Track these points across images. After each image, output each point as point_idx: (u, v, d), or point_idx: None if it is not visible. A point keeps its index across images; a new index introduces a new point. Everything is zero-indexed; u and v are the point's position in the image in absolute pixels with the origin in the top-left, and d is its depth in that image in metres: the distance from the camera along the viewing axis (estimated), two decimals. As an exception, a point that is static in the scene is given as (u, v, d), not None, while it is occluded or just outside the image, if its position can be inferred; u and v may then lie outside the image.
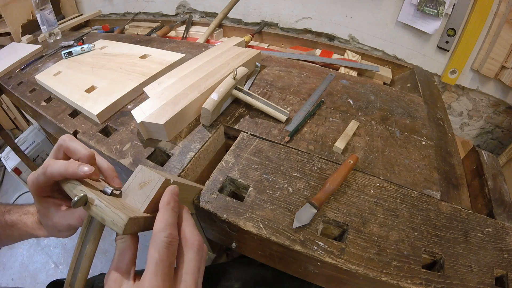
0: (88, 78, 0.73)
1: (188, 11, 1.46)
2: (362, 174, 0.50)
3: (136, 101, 0.67)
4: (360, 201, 0.46)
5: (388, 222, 0.43)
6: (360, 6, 1.10)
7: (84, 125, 0.62)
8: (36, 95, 0.74)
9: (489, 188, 0.50)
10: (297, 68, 0.79)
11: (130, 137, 0.57)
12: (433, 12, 0.97)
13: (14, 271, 1.26)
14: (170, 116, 0.53)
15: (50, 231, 0.38)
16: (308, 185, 0.47)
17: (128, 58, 0.81)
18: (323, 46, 1.07)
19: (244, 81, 0.38)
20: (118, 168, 0.55)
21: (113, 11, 1.59)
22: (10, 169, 1.41)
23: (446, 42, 1.03)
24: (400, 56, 1.15)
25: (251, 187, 0.46)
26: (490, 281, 0.39)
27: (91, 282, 0.60)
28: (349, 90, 0.71)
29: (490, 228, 0.45)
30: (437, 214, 0.45)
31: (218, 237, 0.49)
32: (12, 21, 1.18)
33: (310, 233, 0.41)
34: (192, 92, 0.58)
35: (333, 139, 0.56)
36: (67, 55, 0.86)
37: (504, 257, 0.41)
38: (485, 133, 1.24)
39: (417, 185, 0.50)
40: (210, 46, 0.89)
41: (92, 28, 1.30)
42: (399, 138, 0.59)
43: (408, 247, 0.40)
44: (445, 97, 1.19)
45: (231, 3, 1.13)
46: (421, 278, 0.37)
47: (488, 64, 1.00)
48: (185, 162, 0.50)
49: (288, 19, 1.26)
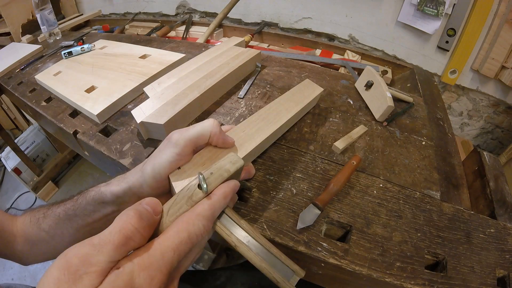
0: (88, 78, 0.73)
1: (188, 11, 1.46)
2: (365, 175, 0.50)
3: (136, 101, 0.67)
4: (363, 202, 0.45)
5: (391, 223, 0.43)
6: (360, 6, 1.10)
7: (84, 125, 0.61)
8: (36, 95, 0.74)
9: (491, 189, 0.50)
10: (297, 68, 0.79)
11: (130, 137, 0.56)
12: (433, 12, 0.97)
13: (14, 271, 1.26)
14: (170, 116, 0.52)
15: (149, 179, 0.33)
16: (311, 186, 0.47)
17: (128, 58, 0.81)
18: (323, 46, 1.07)
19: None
20: (118, 168, 0.55)
21: (113, 11, 1.58)
22: (10, 169, 1.41)
23: (446, 42, 1.03)
24: (400, 56, 1.15)
25: (254, 188, 0.46)
26: (492, 282, 0.39)
27: None
28: (349, 90, 0.71)
29: (492, 229, 0.44)
30: (439, 215, 0.45)
31: (220, 237, 0.49)
32: (12, 21, 1.17)
33: (314, 234, 0.41)
34: (192, 92, 0.58)
35: (333, 139, 0.56)
36: (67, 55, 0.85)
37: (506, 257, 0.41)
38: (485, 133, 1.24)
39: (417, 185, 0.49)
40: (210, 46, 0.88)
41: (92, 28, 1.30)
42: (399, 138, 0.59)
43: (411, 248, 0.40)
44: (445, 97, 1.19)
45: (231, 3, 1.13)
46: (424, 279, 0.37)
47: (488, 64, 1.00)
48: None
49: (288, 19, 1.26)
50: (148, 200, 0.26)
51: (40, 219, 0.39)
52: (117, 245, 0.21)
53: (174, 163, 0.32)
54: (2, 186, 1.70)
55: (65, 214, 0.37)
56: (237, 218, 0.31)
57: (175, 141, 0.32)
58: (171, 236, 0.24)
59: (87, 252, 0.20)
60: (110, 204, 0.35)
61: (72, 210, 0.36)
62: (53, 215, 0.38)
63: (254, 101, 0.65)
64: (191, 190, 0.28)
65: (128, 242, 0.22)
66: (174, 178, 0.32)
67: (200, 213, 0.26)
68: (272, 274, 0.28)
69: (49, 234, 0.38)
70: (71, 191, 1.60)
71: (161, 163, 0.32)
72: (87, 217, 0.36)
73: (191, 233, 0.24)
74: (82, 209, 0.36)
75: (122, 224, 0.22)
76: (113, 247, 0.21)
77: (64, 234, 0.38)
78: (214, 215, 0.28)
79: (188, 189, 0.28)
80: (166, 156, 0.32)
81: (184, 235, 0.24)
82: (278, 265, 0.29)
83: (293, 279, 0.29)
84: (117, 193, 0.33)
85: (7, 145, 1.37)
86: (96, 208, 0.35)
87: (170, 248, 0.23)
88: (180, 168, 0.33)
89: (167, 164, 0.32)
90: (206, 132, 0.33)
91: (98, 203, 0.35)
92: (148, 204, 0.25)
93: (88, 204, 0.35)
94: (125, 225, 0.22)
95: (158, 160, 0.32)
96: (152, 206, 0.25)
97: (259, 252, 0.29)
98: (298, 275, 0.29)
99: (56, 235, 0.38)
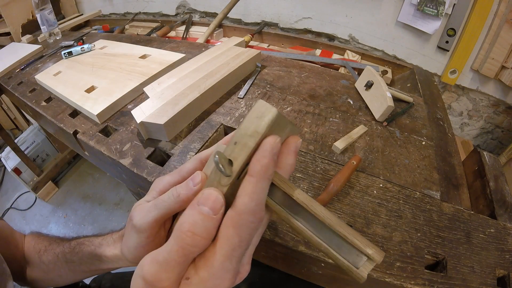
0: (88, 78, 0.73)
1: (188, 11, 1.46)
2: (365, 175, 0.50)
3: (136, 101, 0.67)
4: (363, 202, 0.45)
5: (391, 223, 0.43)
6: (360, 6, 1.10)
7: (84, 125, 0.61)
8: (36, 95, 0.74)
9: (491, 189, 0.50)
10: (297, 68, 0.79)
11: (130, 137, 0.56)
12: (433, 12, 0.97)
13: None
14: (170, 116, 0.52)
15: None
16: (311, 186, 0.47)
17: (128, 58, 0.81)
18: (323, 46, 1.07)
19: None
20: (118, 168, 0.55)
21: (113, 11, 1.58)
22: (10, 169, 1.41)
23: (446, 42, 1.03)
24: (400, 56, 1.15)
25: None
26: (492, 282, 0.39)
27: (98, 281, 0.60)
28: (349, 90, 0.71)
29: (492, 229, 0.44)
30: (439, 215, 0.45)
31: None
32: (12, 21, 1.17)
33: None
34: (192, 92, 0.58)
35: (333, 139, 0.56)
36: (67, 55, 0.85)
37: (506, 257, 0.41)
38: (485, 133, 1.24)
39: (417, 185, 0.49)
40: (210, 46, 0.88)
41: (92, 28, 1.30)
42: (399, 138, 0.59)
43: (411, 248, 0.40)
44: (445, 97, 1.19)
45: (231, 3, 1.13)
46: (424, 279, 0.37)
47: (488, 64, 1.00)
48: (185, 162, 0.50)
49: (288, 19, 1.26)
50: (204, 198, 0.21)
51: (41, 251, 0.40)
52: (180, 262, 0.21)
53: (147, 247, 0.27)
54: (2, 186, 1.70)
55: (63, 257, 0.38)
56: (288, 188, 0.23)
57: (138, 226, 0.26)
58: (223, 244, 0.21)
59: (157, 271, 0.21)
60: (107, 264, 0.35)
61: (70, 255, 0.37)
62: (52, 253, 0.39)
63: (254, 101, 0.65)
64: (218, 173, 0.21)
65: (190, 256, 0.21)
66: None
67: (242, 211, 0.21)
68: (337, 261, 0.22)
69: (48, 267, 0.40)
70: (71, 191, 1.60)
71: (130, 249, 0.28)
72: (85, 267, 0.37)
73: (242, 236, 0.21)
74: (79, 259, 0.36)
75: (180, 243, 0.21)
76: (177, 264, 0.21)
77: (62, 273, 0.39)
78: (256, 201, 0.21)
79: (215, 171, 0.22)
80: (133, 243, 0.27)
81: (235, 241, 0.21)
82: (344, 248, 0.22)
83: (364, 266, 0.21)
84: (112, 258, 0.33)
85: (7, 145, 1.37)
86: (94, 263, 0.36)
87: (225, 257, 0.21)
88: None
89: (138, 249, 0.27)
90: (173, 205, 0.25)
91: (95, 260, 0.35)
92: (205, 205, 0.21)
93: (85, 257, 0.36)
94: (184, 245, 0.21)
95: (128, 245, 0.28)
96: (211, 207, 0.21)
97: (318, 230, 0.22)
98: (374, 261, 0.21)
99: (54, 270, 0.39)
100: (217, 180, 0.21)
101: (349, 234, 0.21)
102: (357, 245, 0.21)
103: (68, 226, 1.44)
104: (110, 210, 1.50)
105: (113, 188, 1.61)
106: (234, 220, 0.21)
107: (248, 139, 0.20)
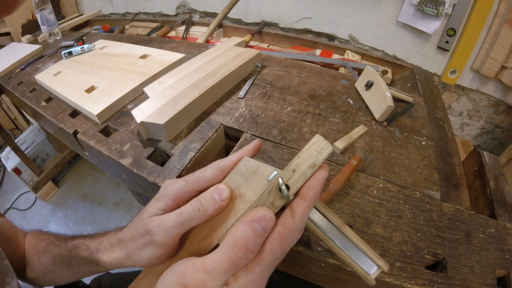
0: (88, 78, 0.73)
1: (188, 11, 1.46)
2: (365, 175, 0.50)
3: (136, 101, 0.67)
4: (363, 202, 0.45)
5: (391, 223, 0.43)
6: (360, 6, 1.10)
7: (84, 125, 0.61)
8: (36, 95, 0.74)
9: (491, 189, 0.50)
10: (297, 68, 0.79)
11: (130, 137, 0.56)
12: (433, 12, 0.97)
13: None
14: (170, 116, 0.52)
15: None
16: (309, 185, 0.47)
17: (128, 58, 0.81)
18: (323, 46, 1.07)
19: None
20: (118, 168, 0.55)
21: (113, 11, 1.59)
22: (10, 169, 1.41)
23: (446, 42, 1.03)
24: (400, 56, 1.15)
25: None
26: (492, 282, 0.39)
27: (98, 281, 0.60)
28: (349, 90, 0.71)
29: (492, 229, 0.44)
30: (439, 215, 0.45)
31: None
32: (12, 21, 1.17)
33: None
34: (192, 92, 0.58)
35: (333, 139, 0.56)
36: (67, 55, 0.85)
37: (506, 257, 0.41)
38: (485, 133, 1.24)
39: (417, 185, 0.49)
40: (210, 46, 0.88)
41: (92, 28, 1.30)
42: (399, 138, 0.58)
43: (411, 248, 0.40)
44: (445, 97, 1.19)
45: (231, 3, 1.13)
46: (424, 279, 0.37)
47: (488, 64, 1.00)
48: (185, 162, 0.50)
49: (288, 19, 1.26)
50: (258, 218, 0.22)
51: (40, 252, 0.40)
52: (228, 271, 0.22)
53: (162, 258, 0.28)
54: (2, 186, 1.70)
55: (61, 259, 0.38)
56: (325, 211, 0.28)
57: (161, 242, 0.26)
58: (267, 256, 0.23)
59: (203, 278, 0.22)
60: (105, 267, 0.34)
61: (67, 258, 0.37)
62: (50, 254, 0.39)
63: (254, 101, 0.65)
64: (272, 195, 0.24)
65: (238, 267, 0.23)
66: None
67: (292, 229, 0.23)
68: (357, 270, 0.27)
69: (47, 268, 0.40)
70: (71, 191, 1.60)
71: (144, 259, 0.28)
72: (83, 268, 0.37)
73: (285, 249, 0.24)
74: (77, 262, 0.36)
75: (231, 255, 0.22)
76: (224, 273, 0.22)
77: (61, 273, 0.39)
78: (303, 222, 0.24)
79: (269, 192, 0.24)
80: (149, 254, 0.27)
81: (278, 253, 0.23)
82: (362, 259, 0.28)
83: (375, 273, 0.28)
84: (110, 262, 0.32)
85: (7, 145, 1.37)
86: (92, 266, 0.35)
87: (266, 266, 0.23)
88: None
89: (153, 260, 0.28)
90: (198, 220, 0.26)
91: (92, 264, 0.35)
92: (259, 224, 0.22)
93: (82, 261, 0.35)
94: (235, 257, 0.22)
95: (141, 256, 0.28)
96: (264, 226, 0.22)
97: (343, 245, 0.28)
98: (382, 269, 0.28)
99: (53, 271, 0.39)
100: (271, 201, 0.24)
101: (369, 250, 0.28)
102: (372, 258, 0.27)
103: (68, 226, 1.44)
104: (110, 210, 1.50)
105: (113, 188, 1.61)
106: (283, 236, 0.23)
107: (306, 169, 0.24)
